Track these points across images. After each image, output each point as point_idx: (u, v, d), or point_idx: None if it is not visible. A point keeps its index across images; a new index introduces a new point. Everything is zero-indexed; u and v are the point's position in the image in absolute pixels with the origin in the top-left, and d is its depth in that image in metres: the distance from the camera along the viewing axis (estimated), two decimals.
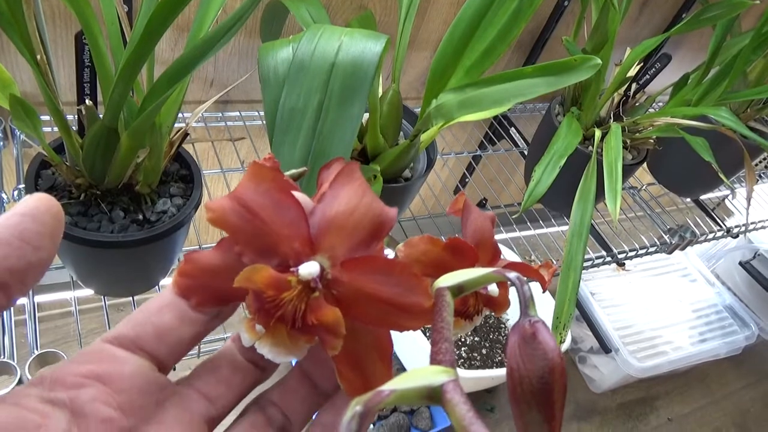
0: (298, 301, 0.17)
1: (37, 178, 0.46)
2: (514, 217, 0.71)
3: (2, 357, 0.48)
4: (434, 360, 0.16)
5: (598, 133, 0.69)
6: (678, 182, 0.94)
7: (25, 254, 0.17)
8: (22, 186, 0.58)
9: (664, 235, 0.88)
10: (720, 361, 1.23)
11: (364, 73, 0.35)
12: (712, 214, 0.97)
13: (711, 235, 0.93)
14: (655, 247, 0.86)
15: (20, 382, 0.47)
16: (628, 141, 0.72)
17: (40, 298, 0.53)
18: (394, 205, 0.50)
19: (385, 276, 0.17)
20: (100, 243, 0.43)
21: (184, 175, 0.51)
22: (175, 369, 0.55)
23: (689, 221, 0.91)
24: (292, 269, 0.17)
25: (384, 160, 0.54)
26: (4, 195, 0.58)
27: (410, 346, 1.02)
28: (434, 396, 0.14)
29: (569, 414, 1.17)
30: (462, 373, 0.94)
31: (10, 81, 0.37)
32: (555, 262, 0.76)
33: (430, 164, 0.60)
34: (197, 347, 0.55)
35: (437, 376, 0.14)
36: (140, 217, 0.46)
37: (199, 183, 0.50)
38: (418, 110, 0.56)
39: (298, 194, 0.18)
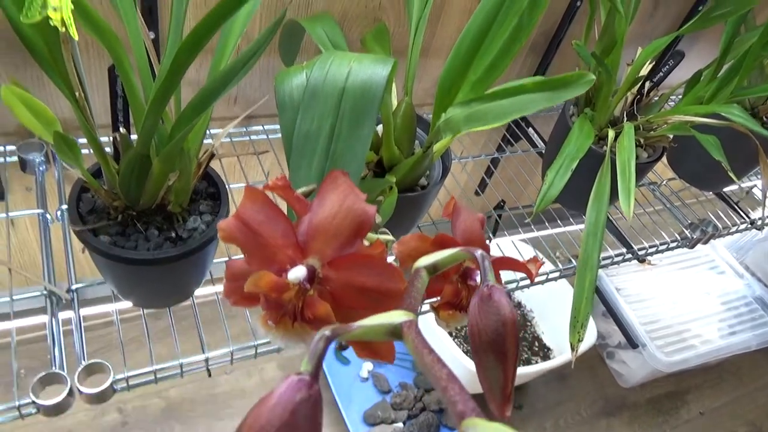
0: (296, 300, 0.20)
1: (78, 202, 0.50)
2: (527, 220, 0.73)
3: (53, 368, 0.52)
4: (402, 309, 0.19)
5: (611, 133, 0.70)
6: (699, 176, 0.94)
7: None
8: (64, 207, 0.62)
9: (685, 230, 0.88)
10: (752, 353, 1.22)
11: (372, 96, 0.37)
12: (735, 206, 0.96)
13: (734, 228, 0.93)
14: (676, 243, 0.87)
15: (71, 391, 0.51)
16: (642, 140, 0.73)
17: (85, 311, 0.57)
18: (412, 213, 0.53)
19: (367, 269, 0.20)
20: (138, 261, 0.47)
21: (212, 193, 0.54)
22: (210, 375, 0.58)
23: (711, 215, 0.91)
24: (287, 274, 0.20)
25: (400, 171, 0.56)
26: (48, 215, 0.63)
27: (443, 353, 1.04)
28: (395, 332, 0.17)
29: (598, 410, 1.17)
30: None
31: (53, 119, 0.41)
32: (573, 261, 0.78)
33: (446, 171, 0.62)
34: (230, 355, 0.58)
35: (398, 317, 0.17)
36: (173, 234, 0.50)
37: (226, 199, 0.53)
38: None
39: None
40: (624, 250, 0.83)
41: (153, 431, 0.93)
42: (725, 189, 1.00)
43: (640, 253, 0.84)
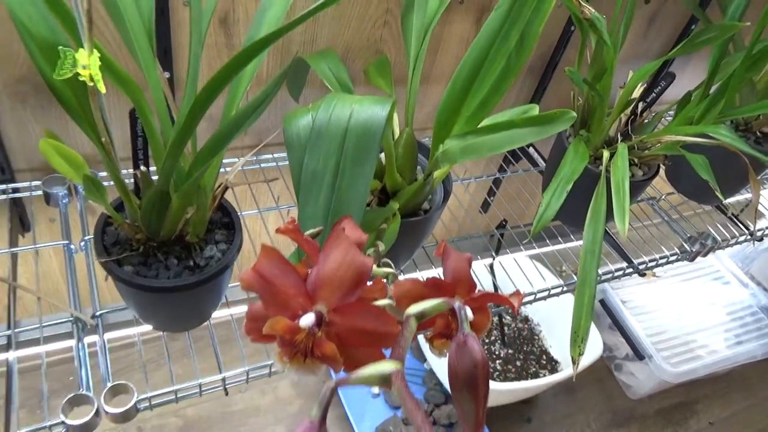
0: (306, 340, 0.23)
1: (102, 234, 0.53)
2: (525, 241, 0.76)
3: (81, 390, 0.55)
4: (392, 357, 0.22)
5: (606, 153, 0.73)
6: (696, 190, 0.96)
7: None
8: (87, 237, 0.66)
9: (684, 243, 0.91)
10: (761, 362, 1.23)
11: (373, 135, 0.41)
12: (734, 218, 0.98)
13: (733, 240, 0.95)
14: (676, 256, 0.89)
15: (97, 411, 0.54)
16: (636, 159, 0.75)
17: (107, 335, 0.61)
18: (416, 236, 0.57)
19: (366, 315, 0.23)
20: (159, 289, 0.50)
21: (226, 222, 0.58)
22: (227, 394, 0.61)
23: (710, 228, 0.94)
24: (298, 319, 0.23)
25: (402, 197, 0.59)
26: (72, 246, 0.66)
27: (445, 361, 1.06)
28: (385, 380, 0.20)
29: (607, 422, 1.18)
30: (497, 386, 0.98)
31: (82, 164, 0.44)
32: (575, 276, 0.80)
33: (447, 195, 0.65)
34: (246, 374, 0.61)
35: (389, 367, 0.20)
36: (191, 263, 0.53)
37: (239, 228, 0.56)
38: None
39: None
40: (624, 264, 0.85)
41: None
42: (725, 202, 1.02)
43: (640, 267, 0.86)
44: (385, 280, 0.28)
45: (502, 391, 1.00)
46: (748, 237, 0.97)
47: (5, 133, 0.66)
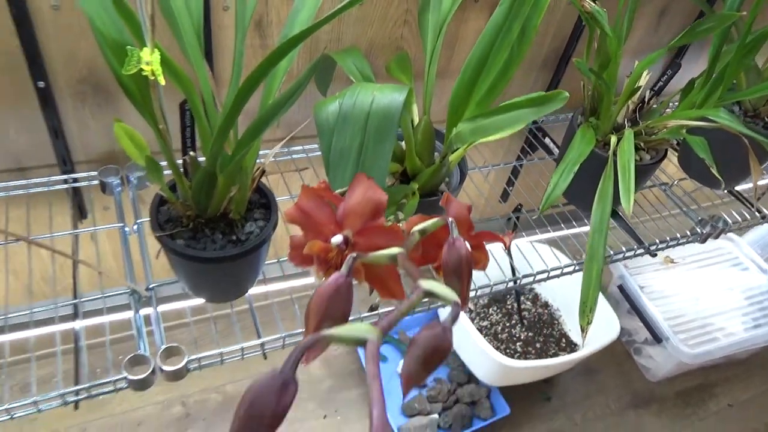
0: (336, 258, 0.29)
1: (157, 213, 0.61)
2: (536, 222, 0.81)
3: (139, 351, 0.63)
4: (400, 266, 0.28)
5: (614, 139, 0.78)
6: (707, 175, 1.00)
7: None
8: (140, 220, 0.74)
9: (695, 226, 0.94)
10: None
11: (392, 117, 0.47)
12: (745, 202, 1.02)
13: (744, 223, 0.98)
14: (686, 238, 0.93)
15: (153, 370, 0.61)
16: (642, 144, 0.80)
17: (161, 308, 0.68)
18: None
19: (381, 234, 0.29)
20: (207, 259, 0.57)
21: (264, 203, 0.64)
22: (266, 357, 0.69)
23: (723, 213, 0.97)
24: (330, 241, 0.30)
25: (421, 179, 0.66)
26: (127, 228, 0.74)
27: (467, 343, 1.11)
28: (361, 343, 0.22)
29: (626, 403, 1.22)
30: (517, 363, 1.03)
31: (145, 146, 0.52)
32: (583, 257, 0.84)
33: (463, 177, 0.71)
34: (282, 340, 0.68)
35: (367, 333, 0.22)
36: (234, 238, 0.60)
37: (275, 209, 0.63)
38: None
39: None
40: (636, 245, 0.90)
41: (212, 422, 1.04)
42: (738, 188, 1.05)
43: (651, 248, 0.91)
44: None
45: (522, 368, 1.05)
46: (760, 219, 1.00)
47: (67, 128, 0.75)
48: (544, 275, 0.83)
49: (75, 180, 0.78)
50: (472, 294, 0.79)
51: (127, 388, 0.61)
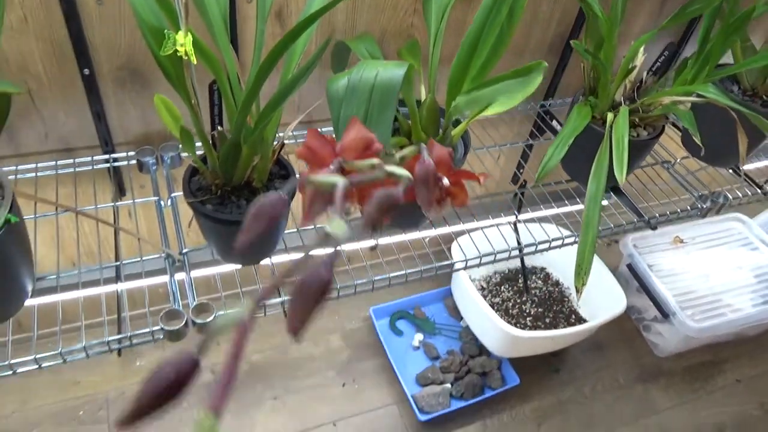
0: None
1: (189, 182, 0.68)
2: (532, 185, 0.86)
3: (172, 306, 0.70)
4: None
5: (610, 116, 0.83)
6: (711, 153, 1.03)
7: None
8: (174, 194, 0.81)
9: (696, 201, 0.98)
10: None
11: (393, 89, 0.53)
12: (748, 179, 1.05)
13: (745, 199, 1.02)
14: (686, 212, 0.97)
15: (186, 322, 0.69)
16: (639, 120, 0.85)
17: (193, 274, 0.75)
18: None
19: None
20: (233, 222, 0.64)
21: (283, 174, 0.71)
22: (286, 315, 0.76)
23: (724, 190, 1.01)
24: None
25: None
26: (162, 202, 0.82)
27: (478, 316, 1.17)
28: (333, 186, 0.30)
29: (635, 377, 1.26)
30: (524, 333, 1.08)
31: (180, 117, 0.59)
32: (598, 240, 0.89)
33: (466, 149, 0.77)
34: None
35: (337, 180, 0.30)
36: None
37: (294, 180, 0.70)
38: None
39: None
40: (636, 219, 0.94)
41: (240, 386, 1.12)
42: (743, 167, 1.09)
43: (651, 221, 0.95)
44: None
45: (528, 338, 1.10)
46: (761, 196, 1.04)
47: (108, 112, 0.83)
48: (546, 245, 0.88)
49: (115, 160, 0.86)
50: (475, 262, 0.85)
51: (162, 338, 0.69)
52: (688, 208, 0.98)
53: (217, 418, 0.15)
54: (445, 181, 0.39)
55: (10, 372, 0.64)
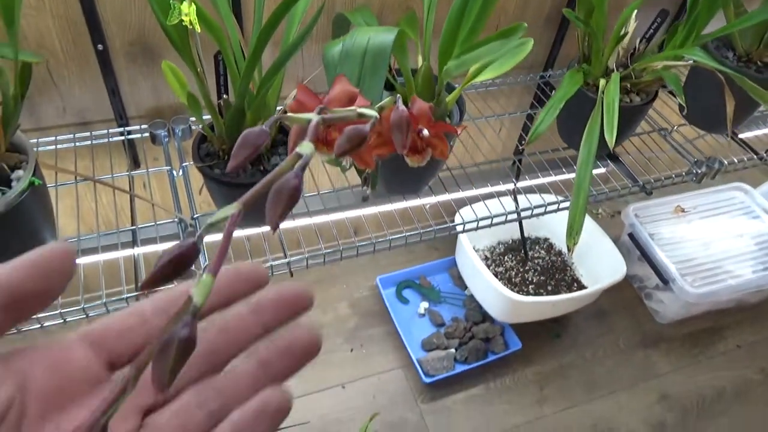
0: (323, 133, 0.39)
1: (198, 149, 0.73)
2: (522, 147, 0.89)
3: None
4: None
5: (602, 82, 0.85)
6: (706, 119, 1.05)
7: (37, 282, 0.20)
8: (185, 164, 0.86)
9: (691, 167, 1.01)
10: None
11: (384, 52, 0.57)
12: (745, 146, 1.07)
13: (740, 164, 1.04)
14: (681, 177, 0.99)
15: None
16: (630, 86, 0.87)
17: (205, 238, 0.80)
18: None
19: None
20: (239, 185, 0.69)
21: (286, 141, 0.75)
22: (292, 275, 0.80)
23: (719, 156, 1.03)
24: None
25: None
26: (174, 172, 0.87)
27: (481, 283, 1.21)
28: (308, 121, 0.34)
29: (636, 342, 1.30)
30: (524, 298, 1.12)
31: (185, 82, 0.63)
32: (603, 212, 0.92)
33: (462, 115, 0.80)
34: (306, 260, 0.79)
35: (311, 116, 0.34)
36: (261, 168, 0.71)
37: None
38: None
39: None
40: (630, 183, 0.97)
41: None
42: (742, 136, 1.10)
43: (646, 186, 0.98)
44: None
45: (528, 302, 1.14)
46: (756, 160, 1.06)
47: (121, 86, 0.87)
48: (542, 209, 0.92)
49: (129, 132, 0.91)
50: (473, 225, 0.88)
51: None
52: (683, 173, 1.00)
53: (213, 278, 0.19)
54: (425, 132, 0.43)
55: (38, 326, 0.69)
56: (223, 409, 0.23)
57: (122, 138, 0.90)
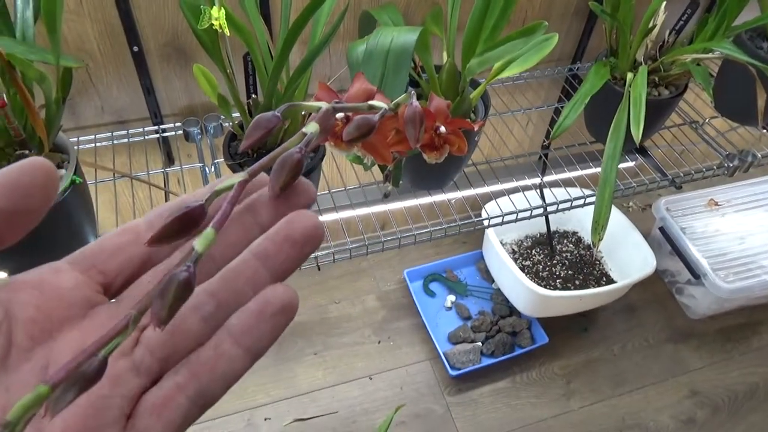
0: (342, 125, 0.41)
1: (228, 147, 0.75)
2: (545, 143, 0.89)
3: None
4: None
5: (630, 75, 0.85)
6: (739, 111, 1.03)
7: (15, 200, 0.18)
8: (216, 161, 0.89)
9: (723, 160, 0.99)
10: None
11: (407, 53, 0.58)
12: None
13: None
14: (712, 171, 0.98)
15: None
16: (659, 79, 0.86)
17: None
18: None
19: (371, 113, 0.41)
20: None
21: None
22: (319, 269, 0.83)
23: (753, 148, 1.01)
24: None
25: None
26: (207, 168, 0.90)
27: (508, 277, 1.21)
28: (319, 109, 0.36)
29: (666, 337, 1.28)
30: (551, 293, 1.12)
31: (216, 85, 0.65)
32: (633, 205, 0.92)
33: (487, 111, 0.80)
34: (332, 255, 0.81)
35: (322, 104, 0.36)
36: None
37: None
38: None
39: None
40: (659, 177, 0.96)
41: (282, 343, 1.20)
42: None
43: (676, 181, 0.97)
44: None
45: (555, 297, 1.14)
46: None
47: (156, 86, 0.90)
48: (568, 204, 0.92)
49: (164, 131, 0.94)
50: (498, 220, 0.89)
51: None
52: (714, 166, 0.98)
53: (216, 232, 0.20)
54: (442, 129, 0.44)
55: None
56: (218, 312, 0.20)
57: (157, 136, 0.94)
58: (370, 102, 0.33)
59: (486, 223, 0.90)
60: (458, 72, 0.78)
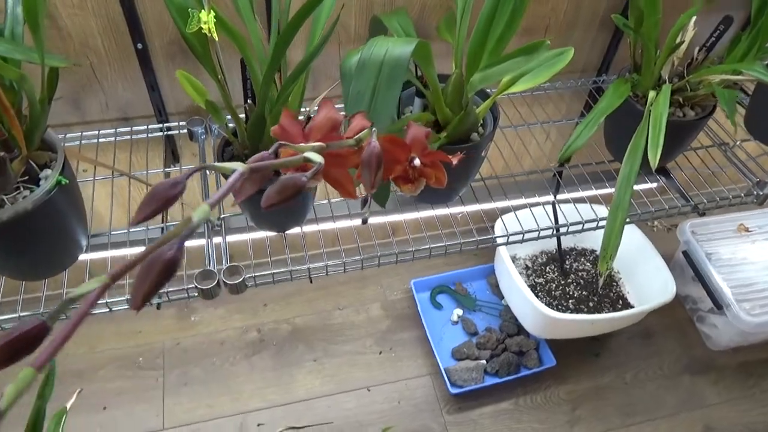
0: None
1: (222, 153, 0.73)
2: (552, 165, 0.84)
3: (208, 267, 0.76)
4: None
5: (652, 94, 0.79)
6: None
7: None
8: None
9: (752, 188, 0.92)
10: None
11: (401, 66, 0.54)
12: None
13: None
14: (739, 198, 0.92)
15: (218, 282, 0.74)
16: (684, 100, 0.81)
17: (229, 238, 0.81)
18: (468, 161, 0.72)
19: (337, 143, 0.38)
20: (261, 190, 0.68)
21: None
22: (311, 281, 0.79)
23: None
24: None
25: (450, 127, 0.72)
26: (207, 171, 0.88)
27: (517, 296, 1.17)
28: (232, 171, 0.33)
29: (682, 368, 1.22)
30: (560, 315, 1.07)
31: (204, 91, 0.63)
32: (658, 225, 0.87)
33: (495, 123, 0.76)
34: (325, 268, 0.78)
35: (238, 166, 0.32)
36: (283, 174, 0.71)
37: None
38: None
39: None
40: (681, 203, 0.90)
41: (283, 346, 1.18)
42: None
43: (699, 206, 0.91)
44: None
45: (564, 320, 1.09)
46: None
47: (160, 84, 0.89)
48: (579, 227, 0.87)
49: (168, 128, 0.92)
50: (503, 240, 0.85)
51: (197, 296, 0.75)
52: (742, 194, 0.92)
53: (211, 208, 0.23)
54: (416, 161, 0.41)
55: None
56: None
57: (161, 134, 0.92)
58: (306, 154, 0.30)
59: (492, 242, 0.86)
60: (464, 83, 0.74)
